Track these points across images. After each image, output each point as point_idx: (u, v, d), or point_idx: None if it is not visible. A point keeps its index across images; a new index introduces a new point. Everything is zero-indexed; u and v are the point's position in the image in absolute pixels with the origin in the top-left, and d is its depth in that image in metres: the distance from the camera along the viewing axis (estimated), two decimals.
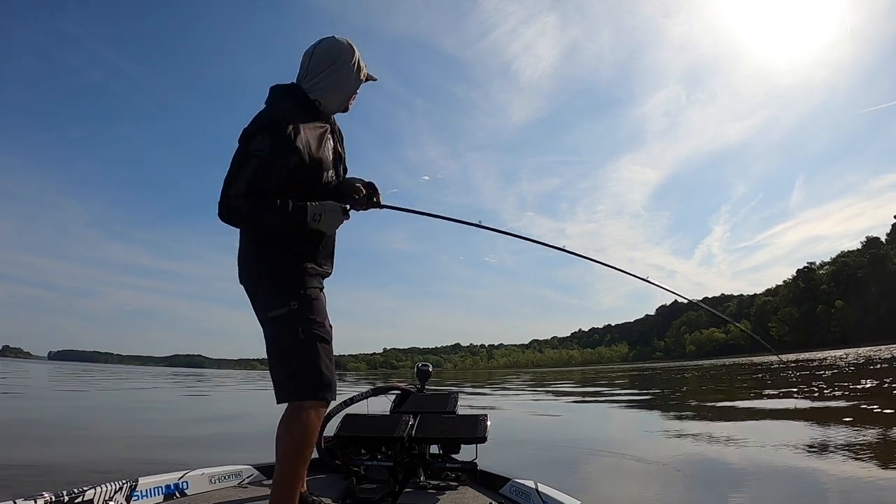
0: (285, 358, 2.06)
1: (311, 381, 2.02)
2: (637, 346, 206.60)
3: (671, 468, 5.05)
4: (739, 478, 4.67)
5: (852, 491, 4.08)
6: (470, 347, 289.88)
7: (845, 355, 44.81)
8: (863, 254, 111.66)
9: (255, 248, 2.16)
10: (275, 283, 2.10)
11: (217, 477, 2.97)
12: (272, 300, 2.09)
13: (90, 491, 2.38)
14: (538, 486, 2.72)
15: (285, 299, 2.06)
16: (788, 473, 4.68)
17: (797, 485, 4.38)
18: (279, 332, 2.08)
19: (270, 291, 2.11)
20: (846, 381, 15.27)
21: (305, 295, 2.09)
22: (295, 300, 2.06)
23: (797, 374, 21.44)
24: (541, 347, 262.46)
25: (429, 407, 3.55)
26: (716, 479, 4.67)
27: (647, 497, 4.22)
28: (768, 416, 9.40)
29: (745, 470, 4.90)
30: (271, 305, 2.08)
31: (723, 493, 4.23)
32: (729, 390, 16.52)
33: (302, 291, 2.09)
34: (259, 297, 2.14)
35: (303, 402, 2.01)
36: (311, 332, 2.05)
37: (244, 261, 2.19)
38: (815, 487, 4.26)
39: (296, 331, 2.04)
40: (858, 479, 4.31)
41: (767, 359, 62.40)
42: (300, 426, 2.00)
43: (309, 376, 2.02)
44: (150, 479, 2.66)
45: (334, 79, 2.23)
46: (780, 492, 4.24)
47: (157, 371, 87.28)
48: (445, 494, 2.89)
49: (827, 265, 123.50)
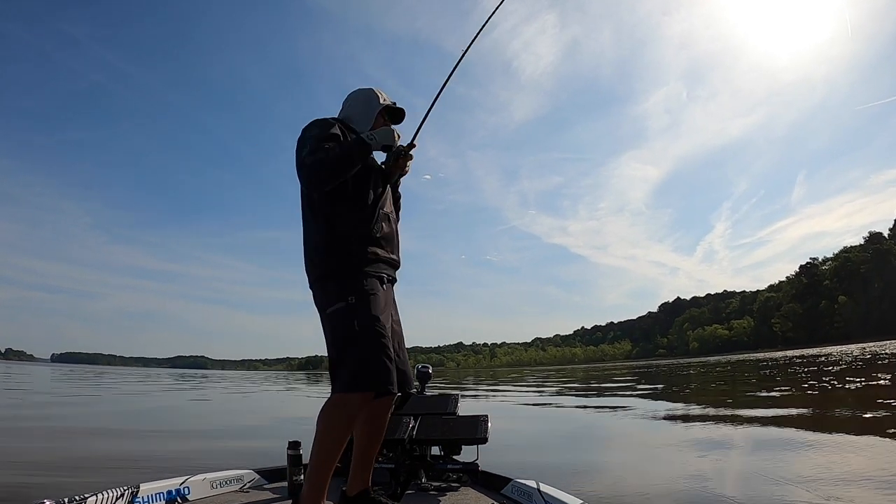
0: (340, 351, 2.15)
1: (359, 373, 2.08)
2: (640, 343, 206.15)
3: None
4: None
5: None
6: (472, 346, 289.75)
7: (850, 351, 44.63)
8: (866, 249, 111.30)
9: (316, 246, 2.30)
10: (333, 282, 2.22)
11: (219, 482, 2.97)
12: (330, 297, 2.21)
13: (91, 498, 2.37)
14: (540, 487, 2.71)
15: (343, 294, 2.17)
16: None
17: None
18: (336, 326, 2.18)
19: (329, 289, 2.22)
20: (860, 377, 15.18)
21: (364, 290, 2.19)
22: (353, 295, 2.17)
23: (805, 371, 21.33)
24: (543, 345, 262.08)
25: (429, 408, 3.56)
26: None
27: (651, 498, 4.21)
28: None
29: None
30: (330, 301, 2.20)
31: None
32: (759, 388, 16.32)
33: (361, 287, 2.19)
34: (318, 295, 2.27)
35: (348, 393, 2.08)
36: (366, 326, 2.13)
37: (308, 257, 2.33)
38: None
39: (352, 324, 2.14)
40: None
41: (772, 355, 62.34)
42: (337, 414, 2.09)
43: (358, 369, 2.09)
44: (152, 484, 2.65)
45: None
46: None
47: (166, 372, 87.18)
48: (447, 495, 2.89)
49: (830, 261, 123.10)
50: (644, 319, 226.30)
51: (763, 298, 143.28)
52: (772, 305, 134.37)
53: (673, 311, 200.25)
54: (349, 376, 2.09)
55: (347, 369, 2.10)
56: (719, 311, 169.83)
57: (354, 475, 2.44)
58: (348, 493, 2.43)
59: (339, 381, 2.11)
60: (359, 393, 2.08)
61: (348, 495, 2.43)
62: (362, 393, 2.09)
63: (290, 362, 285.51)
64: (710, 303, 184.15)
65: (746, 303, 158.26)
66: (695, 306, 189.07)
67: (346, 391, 2.08)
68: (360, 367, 2.09)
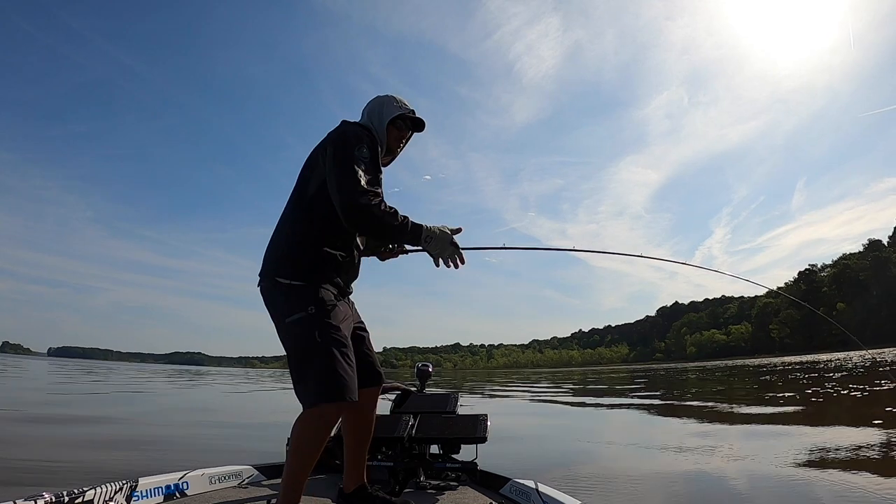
0: (303, 362, 2.10)
1: (327, 384, 2.03)
2: (637, 347, 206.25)
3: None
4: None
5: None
6: (470, 347, 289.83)
7: (849, 358, 44.59)
8: (864, 256, 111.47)
9: (300, 242, 2.21)
10: (295, 289, 2.14)
11: (217, 477, 2.97)
12: (291, 305, 2.13)
13: (90, 491, 2.36)
14: (538, 486, 2.71)
15: (303, 304, 2.10)
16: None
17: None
18: (297, 335, 2.12)
19: (290, 295, 2.14)
20: (862, 384, 15.17)
21: (323, 300, 2.13)
22: (312, 305, 2.10)
23: (806, 377, 21.30)
24: (541, 348, 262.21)
25: (429, 407, 3.55)
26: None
27: (649, 498, 4.21)
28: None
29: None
30: (290, 310, 2.12)
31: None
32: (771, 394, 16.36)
33: (320, 297, 2.13)
34: (277, 299, 2.18)
35: (319, 406, 2.03)
36: (327, 336, 2.08)
37: (284, 251, 2.22)
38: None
39: (312, 335, 2.08)
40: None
41: (770, 361, 62.30)
42: (312, 432, 2.03)
43: (325, 380, 2.03)
44: (151, 479, 2.65)
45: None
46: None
47: (168, 368, 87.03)
48: (445, 494, 2.88)
49: (828, 267, 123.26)
50: (642, 323, 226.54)
51: (761, 304, 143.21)
52: (770, 311, 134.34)
53: (671, 315, 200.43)
54: (316, 389, 2.04)
55: (313, 382, 2.05)
56: (717, 316, 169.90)
57: (349, 472, 2.44)
58: (345, 489, 2.43)
59: (306, 394, 2.06)
60: (332, 404, 2.03)
61: (346, 492, 2.42)
62: (337, 403, 2.03)
63: (286, 360, 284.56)
64: (708, 308, 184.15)
65: (744, 308, 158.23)
66: (693, 311, 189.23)
67: (315, 404, 2.03)
68: (325, 379, 2.04)
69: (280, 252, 2.23)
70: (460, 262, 2.23)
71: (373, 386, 2.43)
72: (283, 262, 2.19)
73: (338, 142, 2.23)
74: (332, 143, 2.24)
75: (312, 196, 2.24)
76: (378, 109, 2.46)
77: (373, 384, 2.43)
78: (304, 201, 2.26)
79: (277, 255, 2.23)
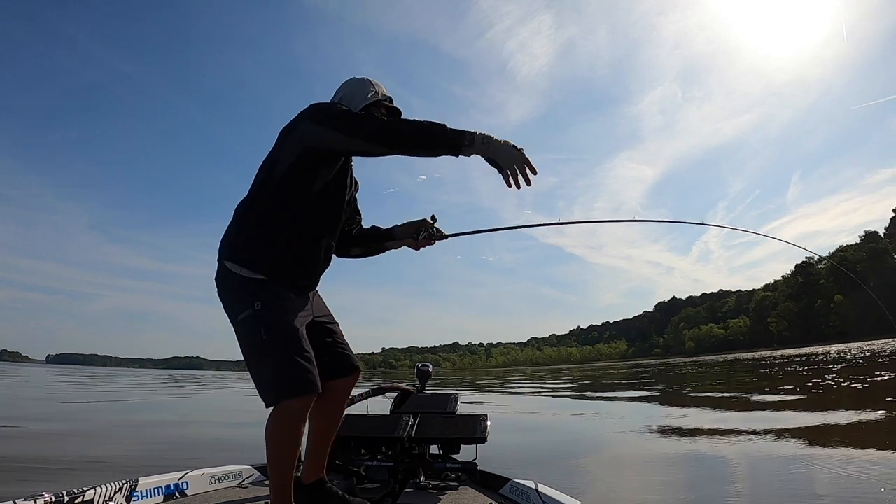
0: (255, 362, 2.02)
1: (284, 380, 1.96)
2: (636, 342, 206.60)
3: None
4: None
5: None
6: (468, 346, 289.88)
7: (848, 350, 44.65)
8: (861, 248, 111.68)
9: (243, 239, 2.09)
10: (243, 282, 2.05)
11: (217, 477, 2.97)
12: (237, 302, 2.06)
13: (90, 491, 2.36)
14: (538, 487, 2.71)
15: (250, 301, 2.02)
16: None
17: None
18: (246, 335, 2.05)
19: (238, 292, 2.07)
20: (863, 374, 15.21)
21: (269, 295, 2.04)
22: (259, 301, 2.02)
23: (806, 369, 21.33)
24: (539, 345, 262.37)
25: (429, 407, 3.54)
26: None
27: (649, 497, 4.22)
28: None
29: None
30: (239, 308, 2.05)
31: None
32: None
33: (267, 292, 2.04)
34: (227, 298, 2.11)
35: (281, 405, 1.96)
36: (274, 332, 2.00)
37: (223, 248, 2.13)
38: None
39: (259, 333, 2.00)
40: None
41: (768, 354, 62.43)
42: (280, 430, 1.96)
43: (281, 375, 1.96)
44: (150, 479, 2.65)
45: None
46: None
47: (166, 374, 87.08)
48: (445, 495, 2.88)
49: (825, 259, 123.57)
50: (640, 319, 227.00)
51: (759, 298, 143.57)
52: (767, 305, 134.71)
53: (669, 310, 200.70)
54: (274, 387, 1.96)
55: (270, 380, 1.97)
56: (715, 310, 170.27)
57: (309, 462, 2.34)
58: (303, 480, 2.33)
59: (265, 394, 1.98)
60: (293, 399, 1.95)
61: (303, 482, 2.31)
62: (299, 398, 1.95)
63: None
64: (705, 302, 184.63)
65: (742, 302, 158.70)
66: (690, 306, 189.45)
67: (277, 402, 1.95)
68: (281, 374, 1.96)
69: (235, 238, 2.12)
70: (530, 168, 2.00)
71: (345, 377, 2.33)
72: (237, 247, 2.09)
73: (310, 110, 2.11)
74: (305, 114, 2.10)
75: (282, 177, 2.09)
76: (351, 94, 2.30)
77: (345, 374, 2.33)
78: (267, 186, 2.12)
79: (231, 240, 2.12)
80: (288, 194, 2.09)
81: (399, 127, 1.98)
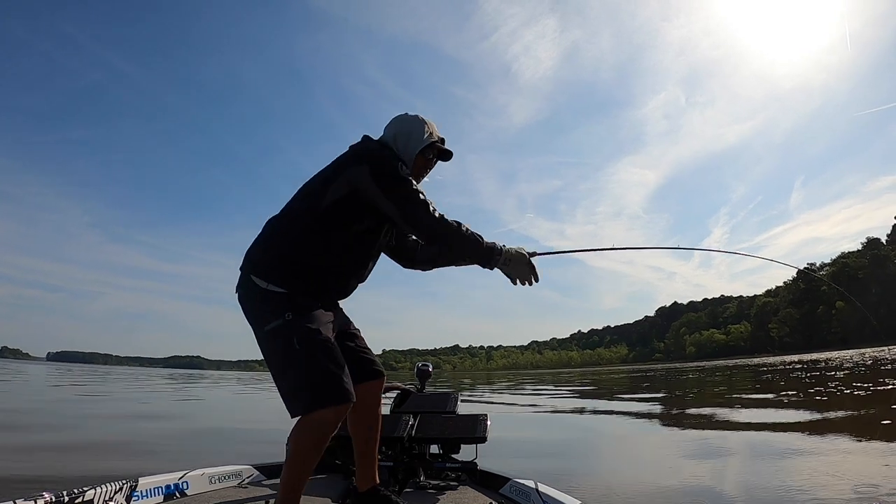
0: (285, 371, 2.01)
1: (319, 389, 1.94)
2: (637, 347, 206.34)
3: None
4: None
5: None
6: (469, 349, 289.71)
7: (850, 356, 44.48)
8: (863, 255, 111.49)
9: (276, 256, 2.11)
10: (271, 295, 2.05)
11: (217, 477, 2.97)
12: (267, 313, 2.04)
13: (90, 491, 2.36)
14: (538, 486, 2.71)
15: (280, 311, 2.01)
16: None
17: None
18: (275, 345, 2.03)
19: (266, 303, 2.05)
20: (867, 382, 15.12)
21: (300, 306, 2.04)
22: (290, 311, 2.01)
23: (809, 376, 21.24)
24: (540, 349, 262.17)
25: (429, 407, 3.55)
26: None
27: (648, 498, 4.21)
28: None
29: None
30: (267, 318, 2.03)
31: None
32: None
33: (297, 302, 2.04)
34: (254, 309, 2.10)
35: (313, 415, 1.93)
36: (309, 341, 1.98)
37: (251, 261, 2.14)
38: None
39: (291, 342, 1.98)
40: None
41: (770, 360, 62.28)
42: (310, 439, 1.94)
43: (316, 385, 1.95)
44: (150, 479, 2.65)
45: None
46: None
47: (167, 373, 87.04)
48: (445, 494, 2.88)
49: (827, 266, 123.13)
50: (641, 324, 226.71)
51: (760, 303, 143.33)
52: (769, 310, 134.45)
53: (670, 315, 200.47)
54: (308, 396, 1.94)
55: (304, 389, 1.95)
56: (716, 315, 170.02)
57: (361, 471, 2.40)
58: (359, 489, 2.40)
59: (296, 403, 1.96)
60: (328, 409, 1.93)
61: (359, 491, 2.39)
62: (334, 407, 1.93)
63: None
64: (707, 307, 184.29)
65: (743, 308, 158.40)
66: (692, 311, 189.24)
67: (312, 411, 1.92)
68: (316, 384, 1.95)
69: (269, 253, 2.12)
70: (535, 280, 2.24)
71: (373, 380, 2.37)
72: (268, 263, 2.09)
73: (368, 157, 2.13)
74: (363, 158, 2.13)
75: (325, 210, 2.10)
76: (407, 133, 2.30)
77: (373, 378, 2.37)
78: (314, 212, 2.12)
79: (261, 256, 2.12)
80: (328, 228, 2.11)
81: (448, 230, 2.10)
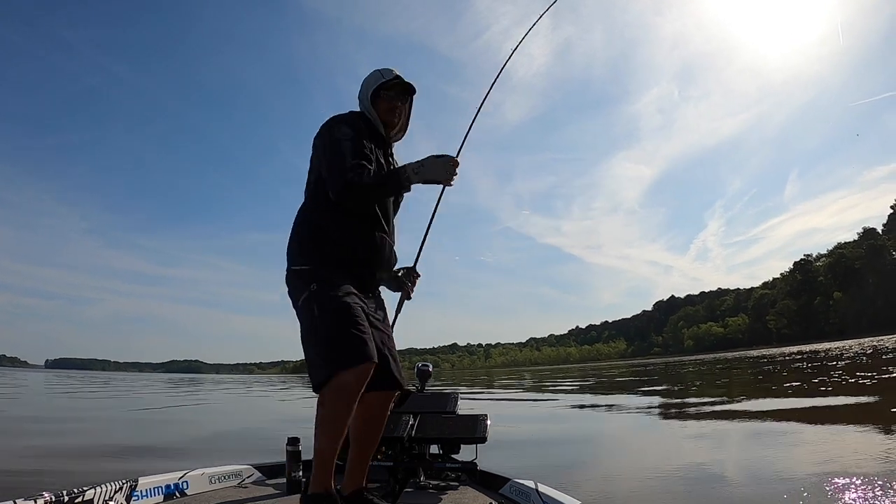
0: (307, 340, 2.14)
1: (336, 350, 2.02)
2: (635, 341, 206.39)
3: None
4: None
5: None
6: (467, 347, 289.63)
7: (848, 346, 44.60)
8: (860, 245, 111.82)
9: (295, 242, 2.28)
10: (299, 272, 2.21)
11: (217, 477, 2.98)
12: (298, 290, 2.19)
13: (90, 491, 2.37)
14: (538, 487, 2.72)
15: (307, 284, 2.15)
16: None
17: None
18: (302, 316, 2.16)
19: (296, 281, 2.21)
20: (871, 371, 15.12)
21: (326, 277, 2.16)
22: (315, 282, 2.14)
23: (810, 366, 21.28)
24: (538, 345, 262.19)
25: (429, 407, 3.54)
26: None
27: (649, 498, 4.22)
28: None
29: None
30: (298, 295, 2.18)
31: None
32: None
33: (321, 274, 2.17)
34: (290, 291, 2.25)
35: (334, 381, 1.99)
36: (329, 305, 2.09)
37: (288, 257, 2.30)
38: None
39: (312, 308, 2.11)
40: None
41: (768, 352, 62.44)
42: (332, 407, 2.00)
43: (334, 346, 2.03)
44: (150, 478, 2.66)
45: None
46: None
47: (167, 377, 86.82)
48: (446, 494, 2.89)
49: (824, 257, 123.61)
50: (639, 318, 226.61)
51: (757, 295, 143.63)
52: (766, 302, 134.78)
53: (668, 309, 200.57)
54: (325, 359, 2.02)
55: (322, 353, 2.04)
56: (714, 308, 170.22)
57: (350, 473, 2.38)
58: (343, 491, 2.37)
59: (318, 371, 2.03)
60: (348, 370, 1.98)
61: (343, 493, 2.36)
62: (352, 368, 1.98)
63: (284, 365, 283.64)
64: (704, 301, 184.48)
65: (741, 300, 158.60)
66: (689, 304, 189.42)
67: (331, 375, 1.98)
68: (334, 347, 2.02)
69: (293, 241, 2.30)
70: (455, 167, 2.28)
71: (388, 390, 2.36)
72: (294, 249, 2.28)
73: (320, 132, 2.34)
74: (317, 136, 2.35)
75: (311, 187, 2.34)
76: (363, 88, 2.47)
77: (388, 389, 2.36)
78: (306, 193, 2.37)
79: (290, 243, 2.31)
80: (320, 196, 2.28)
81: (353, 194, 2.18)
